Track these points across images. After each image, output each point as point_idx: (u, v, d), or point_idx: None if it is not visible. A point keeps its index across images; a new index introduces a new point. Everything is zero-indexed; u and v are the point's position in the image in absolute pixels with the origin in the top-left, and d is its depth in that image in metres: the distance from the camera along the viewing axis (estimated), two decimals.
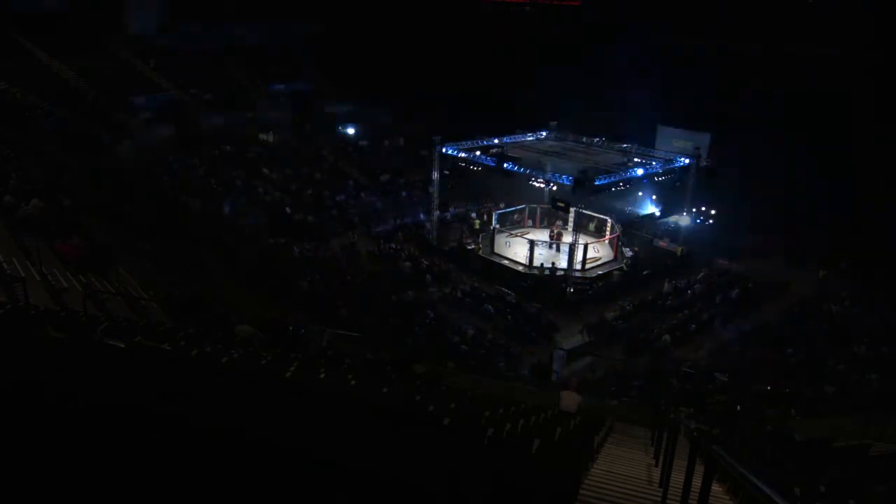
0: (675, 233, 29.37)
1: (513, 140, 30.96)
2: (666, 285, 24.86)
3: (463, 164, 28.22)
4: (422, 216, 31.22)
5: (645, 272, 26.54)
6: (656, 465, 7.22)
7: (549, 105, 32.85)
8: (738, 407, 14.10)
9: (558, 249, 27.90)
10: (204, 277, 19.57)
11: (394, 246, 28.04)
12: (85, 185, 21.71)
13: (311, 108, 36.81)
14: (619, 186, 25.79)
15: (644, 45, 34.86)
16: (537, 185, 27.89)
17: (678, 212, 28.93)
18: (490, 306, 22.87)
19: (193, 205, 25.59)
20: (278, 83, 37.53)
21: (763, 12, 35.54)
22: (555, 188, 26.48)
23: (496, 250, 28.04)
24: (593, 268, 26.87)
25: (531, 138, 31.89)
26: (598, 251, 27.95)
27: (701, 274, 26.50)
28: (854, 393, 14.71)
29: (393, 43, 36.82)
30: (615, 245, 28.22)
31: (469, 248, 28.82)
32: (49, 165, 22.40)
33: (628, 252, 28.44)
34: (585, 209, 29.46)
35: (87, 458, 2.13)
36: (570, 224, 29.93)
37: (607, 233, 29.17)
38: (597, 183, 24.20)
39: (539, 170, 27.41)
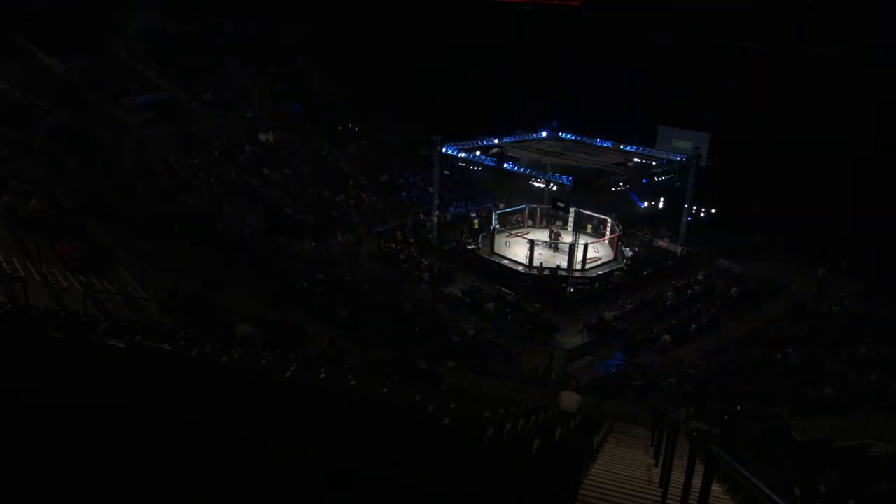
0: (674, 233, 29.36)
1: (513, 140, 30.95)
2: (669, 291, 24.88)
3: (463, 164, 28.20)
4: (422, 216, 31.22)
5: (645, 272, 26.53)
6: (656, 465, 7.22)
7: (549, 105, 32.86)
8: (738, 407, 14.11)
9: (557, 249, 27.89)
10: (204, 277, 19.53)
11: (394, 246, 28.03)
12: (85, 185, 21.69)
13: (312, 108, 36.80)
14: (619, 186, 25.78)
15: (643, 44, 34.90)
16: (537, 185, 27.86)
17: (677, 212, 28.90)
18: (490, 306, 22.87)
19: (193, 205, 25.57)
20: (278, 83, 37.51)
21: (763, 12, 35.59)
22: (555, 188, 26.48)
23: (496, 250, 28.02)
24: (593, 268, 26.87)
25: (531, 138, 31.92)
26: (598, 251, 27.93)
27: (701, 274, 26.49)
28: (854, 393, 14.70)
29: (393, 42, 36.81)
30: (615, 245, 28.21)
31: (469, 248, 28.81)
32: (49, 165, 22.38)
33: (628, 252, 28.43)
34: (585, 209, 29.47)
35: (87, 459, 2.13)
36: (570, 224, 29.92)
37: (607, 233, 29.16)
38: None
39: (539, 170, 27.40)
